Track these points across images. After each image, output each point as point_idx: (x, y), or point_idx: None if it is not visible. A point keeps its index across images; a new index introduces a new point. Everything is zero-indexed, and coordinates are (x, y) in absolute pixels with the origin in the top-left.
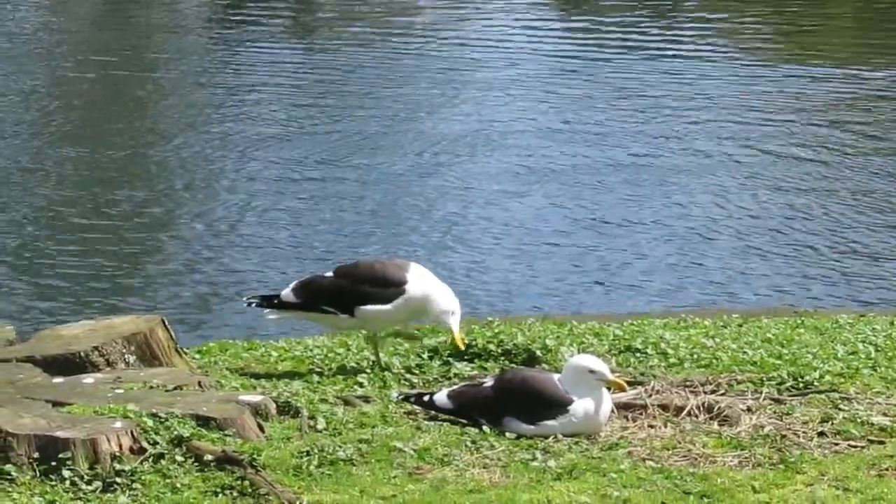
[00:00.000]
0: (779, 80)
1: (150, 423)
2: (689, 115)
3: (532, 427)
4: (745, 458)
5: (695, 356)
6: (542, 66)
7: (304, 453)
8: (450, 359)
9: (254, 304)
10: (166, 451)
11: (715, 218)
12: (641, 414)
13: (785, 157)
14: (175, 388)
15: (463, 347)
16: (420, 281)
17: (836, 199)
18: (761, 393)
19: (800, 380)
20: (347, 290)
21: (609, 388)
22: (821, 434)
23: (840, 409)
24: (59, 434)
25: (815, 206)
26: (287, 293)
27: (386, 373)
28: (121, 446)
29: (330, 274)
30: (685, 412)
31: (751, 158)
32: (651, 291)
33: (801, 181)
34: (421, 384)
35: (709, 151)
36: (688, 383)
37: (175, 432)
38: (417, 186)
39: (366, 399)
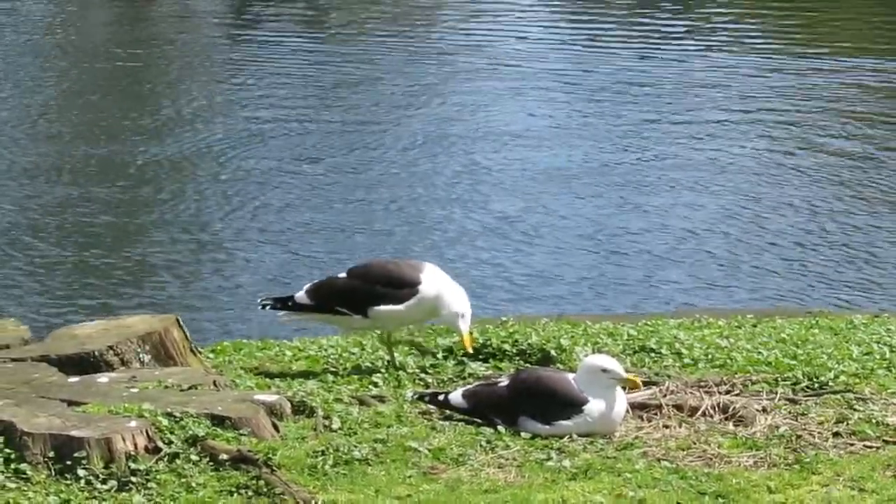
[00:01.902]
0: (794, 74)
1: (165, 422)
2: (702, 111)
3: (547, 427)
4: (761, 458)
5: (709, 356)
6: (554, 61)
7: (320, 453)
8: (464, 358)
9: (268, 307)
10: (181, 451)
11: (727, 216)
12: (656, 414)
13: (797, 153)
14: (190, 388)
15: (471, 350)
16: (433, 281)
17: (853, 196)
18: (776, 393)
19: (815, 380)
20: (361, 291)
21: (624, 388)
22: (836, 434)
23: (855, 410)
24: (75, 433)
25: (830, 202)
26: (301, 295)
27: (401, 372)
28: (136, 445)
29: (343, 275)
30: (700, 412)
31: (764, 154)
32: (665, 291)
33: (813, 178)
34: (436, 384)
35: (722, 148)
36: (702, 383)
37: (190, 432)
38: (430, 184)
39: (381, 399)
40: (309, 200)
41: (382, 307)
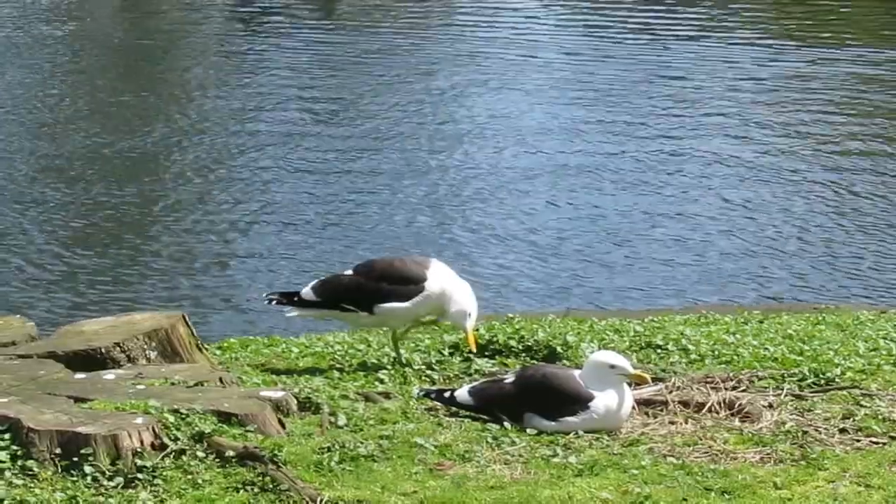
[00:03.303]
0: (797, 66)
1: (171, 418)
2: (705, 107)
3: (553, 423)
4: (767, 454)
5: (716, 352)
6: (568, 56)
7: (325, 449)
8: (470, 355)
9: (273, 302)
10: (187, 447)
11: (732, 212)
12: (662, 410)
13: (802, 149)
14: (196, 384)
15: (475, 349)
16: (439, 278)
17: (860, 191)
18: (782, 389)
19: (821, 376)
20: (367, 288)
21: (630, 384)
22: (842, 430)
23: (862, 406)
24: (81, 430)
25: (835, 198)
26: (307, 291)
27: (407, 369)
28: (142, 442)
29: (349, 272)
30: (706, 408)
31: (768, 150)
32: (671, 287)
33: (818, 173)
34: (442, 380)
35: (726, 143)
36: (709, 380)
37: (196, 428)
38: (438, 181)
39: (387, 395)
40: (315, 198)
41: (389, 304)
